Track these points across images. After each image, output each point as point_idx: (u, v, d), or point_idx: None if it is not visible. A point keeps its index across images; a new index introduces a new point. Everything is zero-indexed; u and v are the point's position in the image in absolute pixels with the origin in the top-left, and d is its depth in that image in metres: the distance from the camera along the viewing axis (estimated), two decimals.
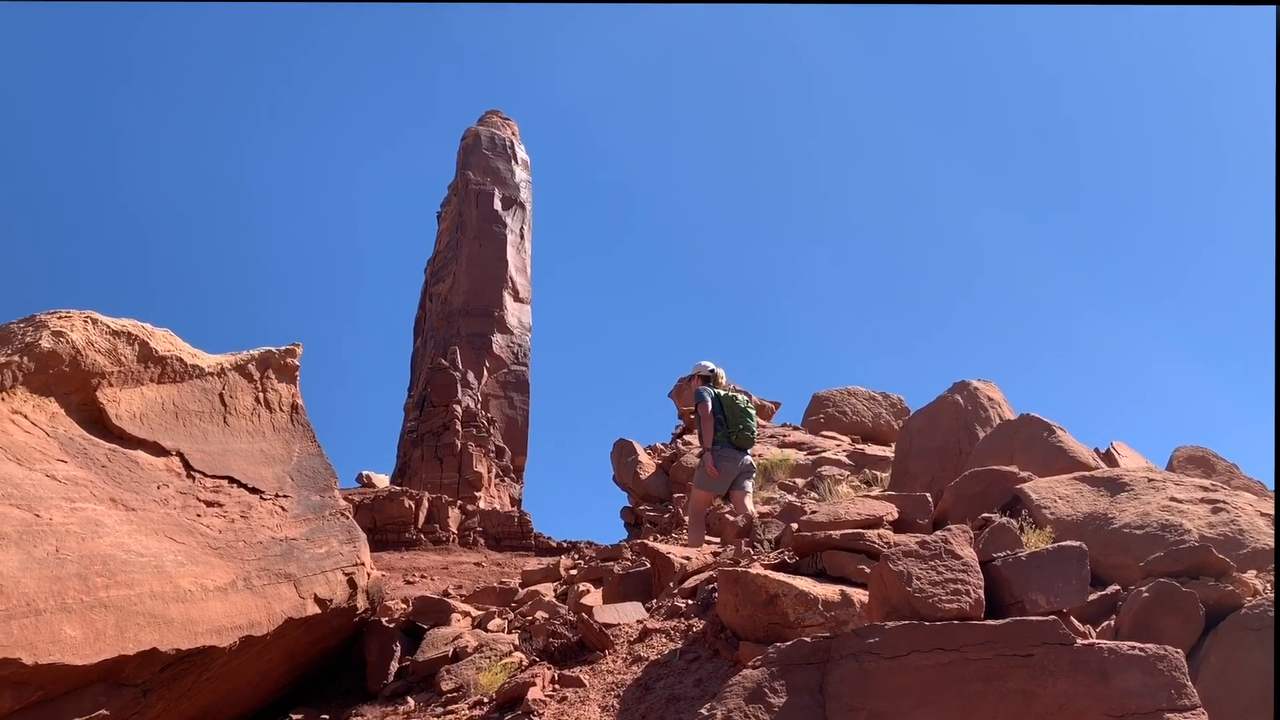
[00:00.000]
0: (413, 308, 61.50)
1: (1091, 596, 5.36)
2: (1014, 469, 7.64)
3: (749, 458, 8.85)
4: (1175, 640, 4.57)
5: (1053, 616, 4.46)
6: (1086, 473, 7.36)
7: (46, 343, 7.40)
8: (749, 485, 8.92)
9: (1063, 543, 5.31)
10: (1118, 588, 5.57)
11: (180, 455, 8.34)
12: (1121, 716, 4.10)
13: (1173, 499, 6.52)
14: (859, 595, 6.07)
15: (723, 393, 8.93)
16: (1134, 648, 4.25)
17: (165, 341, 8.62)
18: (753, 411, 8.87)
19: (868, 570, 6.28)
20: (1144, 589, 5.07)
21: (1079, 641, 4.29)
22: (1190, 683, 4.16)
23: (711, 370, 9.18)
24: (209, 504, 8.11)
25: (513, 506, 46.52)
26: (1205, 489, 6.60)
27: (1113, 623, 5.16)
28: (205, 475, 8.39)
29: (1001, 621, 4.42)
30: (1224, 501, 6.28)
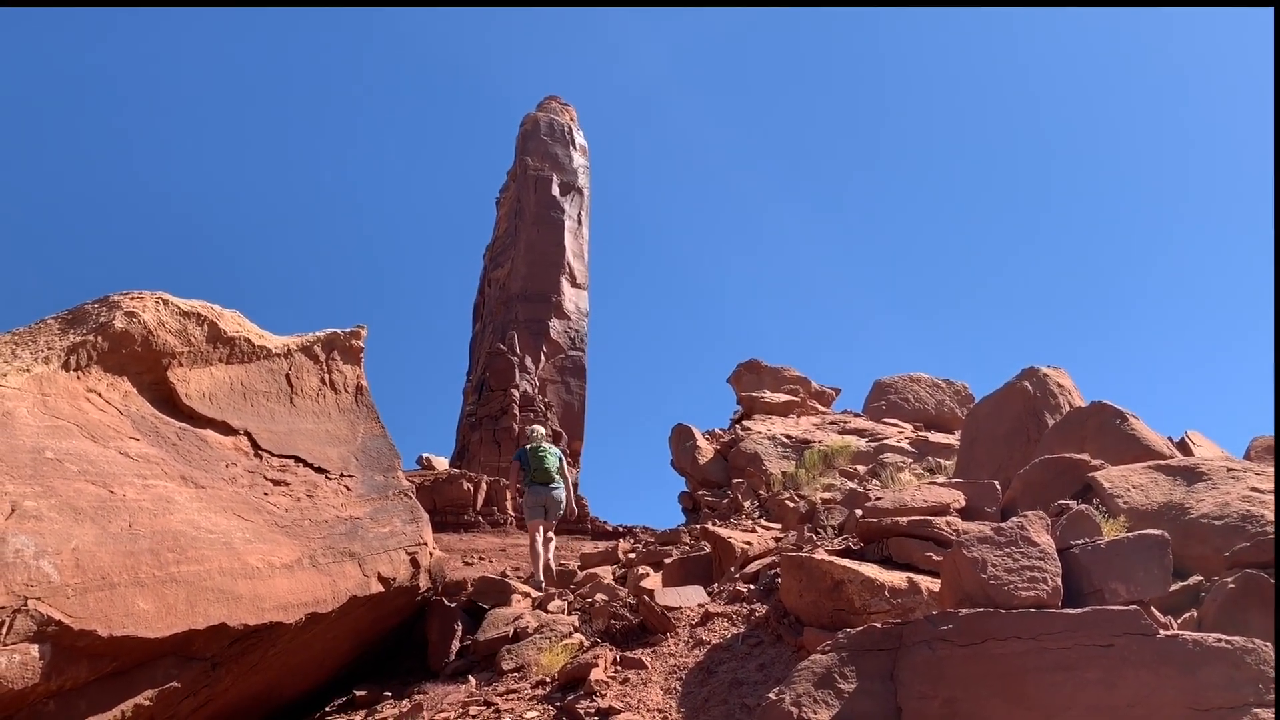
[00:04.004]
0: (472, 293, 62.04)
1: (1172, 587, 5.19)
2: (1085, 457, 7.43)
3: (554, 490, 11.38)
4: (1263, 633, 4.40)
5: (1134, 606, 4.32)
6: (1161, 462, 7.14)
7: (120, 323, 7.54)
8: (550, 522, 11.50)
9: (1144, 530, 5.15)
10: (1200, 578, 5.39)
11: (248, 434, 8.45)
12: (1206, 710, 3.96)
13: (1254, 489, 6.29)
14: (926, 583, 5.97)
15: (529, 446, 11.65)
16: (1219, 640, 4.10)
17: (234, 323, 8.74)
18: (544, 450, 11.56)
19: (935, 557, 6.17)
20: (1229, 580, 4.89)
21: (1161, 632, 4.16)
22: None
23: (531, 431, 12.24)
24: (276, 483, 8.21)
25: None
26: None
27: (1195, 614, 4.99)
28: (272, 454, 8.49)
29: (1081, 610, 4.29)
30: None
